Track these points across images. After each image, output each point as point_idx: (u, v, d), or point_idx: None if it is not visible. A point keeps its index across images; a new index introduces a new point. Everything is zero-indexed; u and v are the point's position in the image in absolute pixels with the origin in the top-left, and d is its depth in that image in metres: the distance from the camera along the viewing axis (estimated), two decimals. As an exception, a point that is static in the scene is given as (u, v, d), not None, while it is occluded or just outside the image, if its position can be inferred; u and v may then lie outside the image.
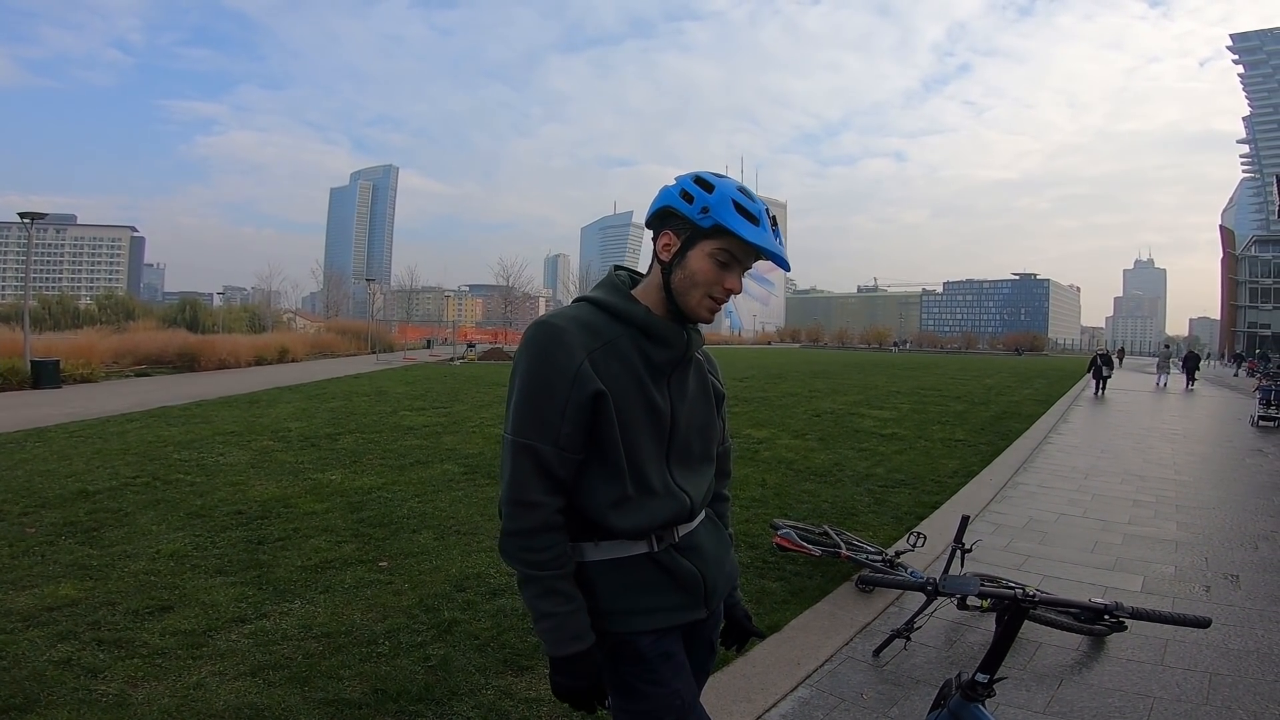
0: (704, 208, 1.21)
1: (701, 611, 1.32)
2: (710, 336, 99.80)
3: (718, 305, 1.27)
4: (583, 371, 1.19)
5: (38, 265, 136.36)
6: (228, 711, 2.32)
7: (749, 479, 6.11)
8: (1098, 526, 5.04)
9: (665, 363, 1.27)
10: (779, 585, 3.54)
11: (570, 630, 1.21)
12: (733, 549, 1.50)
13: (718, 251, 1.23)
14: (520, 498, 1.21)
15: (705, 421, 1.38)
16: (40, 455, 6.78)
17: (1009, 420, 11.23)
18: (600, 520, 1.25)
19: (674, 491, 1.29)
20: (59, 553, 3.83)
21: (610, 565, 1.26)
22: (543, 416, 1.19)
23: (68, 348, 18.56)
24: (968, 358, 54.30)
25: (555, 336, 1.20)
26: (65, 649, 2.71)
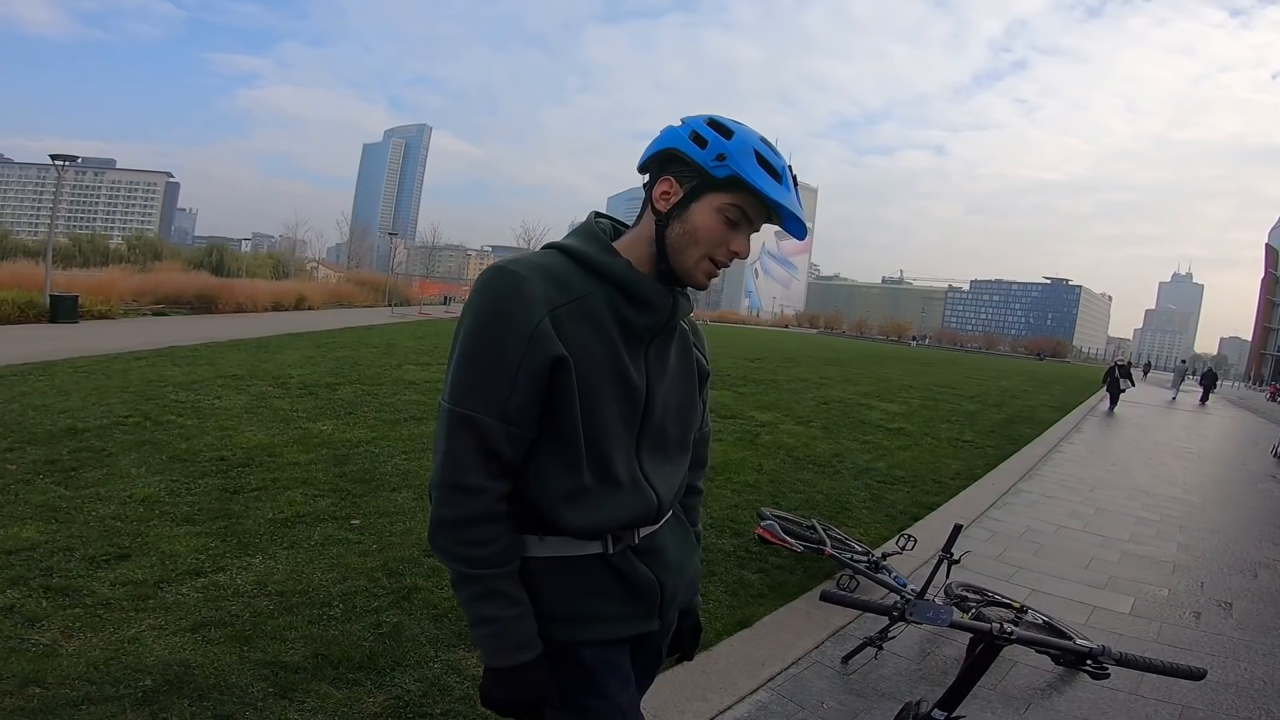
0: (720, 154, 1.01)
1: (654, 623, 1.15)
2: (727, 315, 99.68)
3: (716, 270, 1.08)
4: (541, 330, 0.98)
5: (75, 206, 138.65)
6: (156, 667, 2.24)
7: (745, 463, 5.98)
8: (1096, 542, 4.86)
9: (645, 329, 1.07)
10: (758, 578, 3.42)
11: (514, 638, 1.03)
12: (698, 551, 1.33)
13: (728, 207, 1.03)
14: (457, 480, 1.01)
15: (685, 402, 1.18)
16: (40, 389, 6.81)
17: (1020, 425, 10.97)
18: (550, 514, 1.06)
19: (641, 486, 1.10)
20: (32, 492, 3.79)
21: (556, 564, 1.08)
22: (490, 383, 0.99)
23: (89, 284, 18.78)
24: (987, 358, 53.46)
25: (513, 286, 0.99)
26: (11, 595, 2.65)
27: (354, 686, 2.26)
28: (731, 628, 2.88)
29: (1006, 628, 1.22)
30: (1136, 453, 9.79)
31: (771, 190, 1.02)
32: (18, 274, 17.83)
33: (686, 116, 1.07)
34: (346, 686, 2.25)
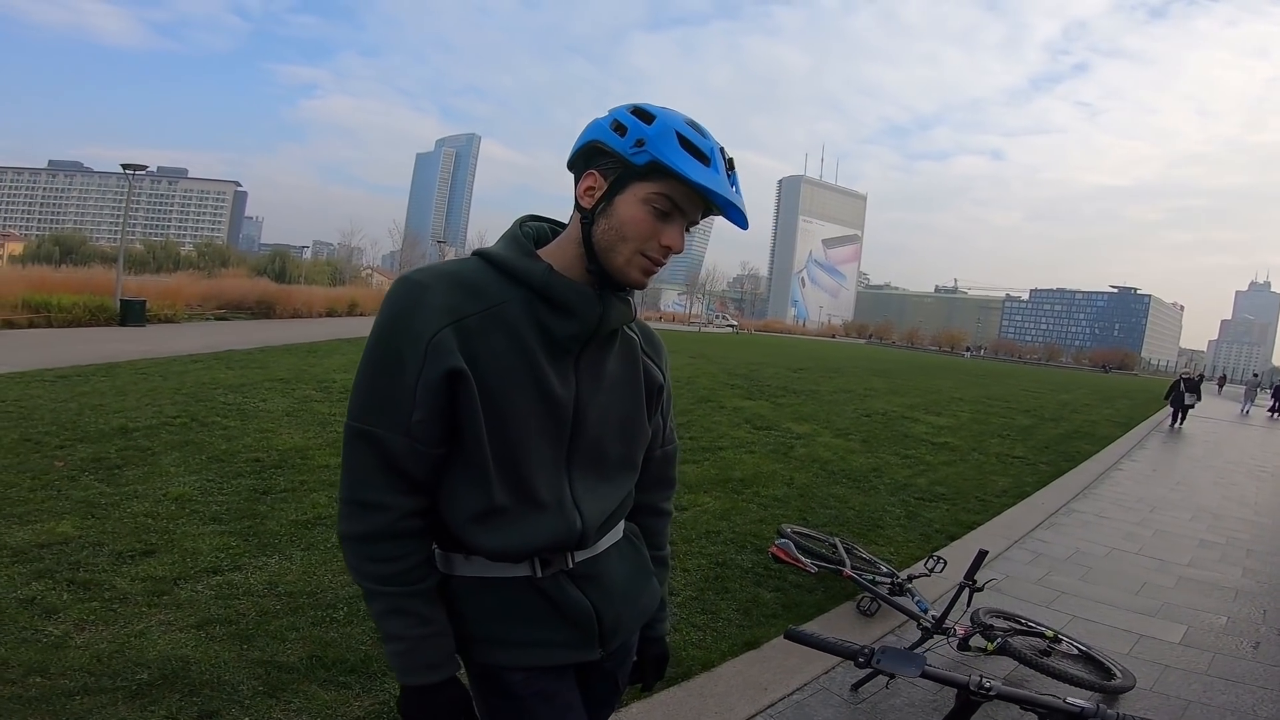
0: (639, 140, 0.93)
1: (595, 652, 1.08)
2: (772, 324, 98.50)
3: (653, 266, 0.99)
4: (438, 342, 0.92)
5: (150, 213, 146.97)
6: (156, 662, 2.29)
7: (775, 476, 5.83)
8: (1152, 566, 4.54)
9: (569, 338, 0.99)
10: (774, 597, 3.31)
11: (423, 658, 0.98)
12: (662, 576, 1.25)
13: (654, 197, 0.95)
14: (358, 497, 0.97)
15: (627, 416, 1.09)
16: (100, 390, 7.16)
17: (1078, 440, 10.42)
18: (459, 533, 1.01)
19: (565, 507, 1.02)
20: (75, 489, 3.96)
21: (481, 585, 1.02)
22: (389, 398, 0.94)
23: (158, 289, 19.78)
24: (1047, 370, 51.28)
25: (414, 296, 0.94)
26: (37, 587, 2.76)
27: (343, 689, 2.26)
28: (738, 648, 2.77)
29: (985, 683, 1.09)
30: (1205, 471, 9.17)
31: (695, 173, 0.93)
32: (92, 279, 18.94)
33: (613, 107, 0.99)
34: (336, 689, 2.26)
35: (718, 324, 68.80)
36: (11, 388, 7.00)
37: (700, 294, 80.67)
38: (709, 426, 7.89)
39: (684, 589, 3.31)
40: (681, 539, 4.00)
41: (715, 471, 5.76)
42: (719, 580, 3.45)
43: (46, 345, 11.07)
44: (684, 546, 3.88)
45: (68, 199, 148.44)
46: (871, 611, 3.20)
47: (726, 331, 57.27)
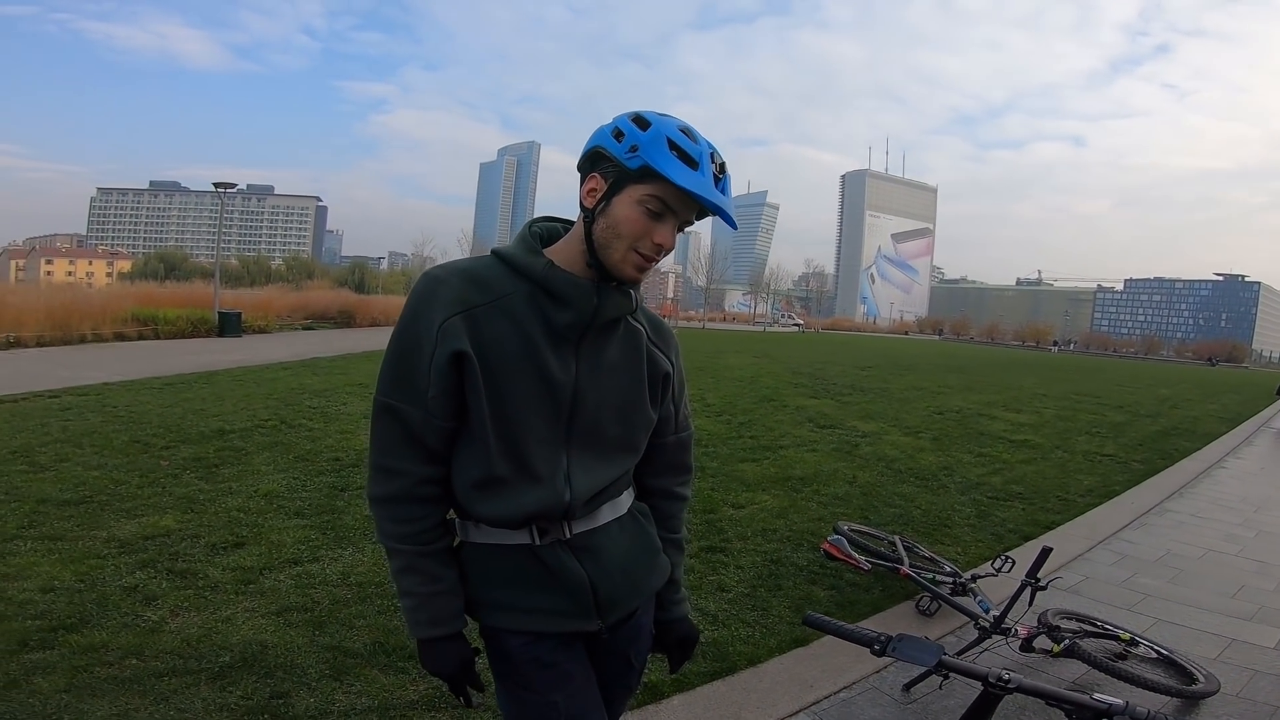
0: (633, 146, 1.02)
1: (592, 623, 1.14)
2: (840, 322, 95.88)
3: (646, 263, 1.07)
4: (447, 328, 1.04)
5: (242, 229, 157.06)
6: (239, 646, 2.48)
7: (838, 474, 5.73)
8: (1251, 568, 4.21)
9: (568, 326, 1.08)
10: (828, 595, 3.27)
11: (430, 613, 1.10)
12: (672, 560, 1.29)
13: (647, 198, 1.03)
14: (382, 463, 1.10)
15: (628, 401, 1.16)
16: (201, 396, 7.78)
17: (1177, 438, 9.71)
18: (464, 501, 1.12)
19: (555, 480, 1.10)
20: (178, 485, 4.34)
21: (487, 551, 1.13)
22: (409, 377, 1.07)
23: (252, 302, 21.22)
24: (1145, 364, 47.80)
25: (430, 289, 1.07)
26: (139, 576, 3.03)
27: (401, 674, 2.39)
28: (786, 645, 2.76)
29: (1006, 676, 1.08)
30: (1325, 472, 8.37)
31: (680, 177, 1.00)
32: (193, 294, 20.51)
33: (617, 116, 1.08)
34: (395, 674, 2.39)
35: (783, 323, 67.72)
36: (124, 394, 7.70)
37: (765, 293, 79.55)
38: (770, 425, 7.82)
39: (736, 585, 3.33)
40: (736, 536, 4.01)
41: (775, 470, 5.72)
42: (772, 577, 3.44)
43: (154, 356, 12.09)
44: (739, 544, 3.89)
45: (168, 217, 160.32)
46: (931, 611, 3.12)
47: (792, 330, 56.31)
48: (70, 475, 4.44)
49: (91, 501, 3.95)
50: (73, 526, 3.56)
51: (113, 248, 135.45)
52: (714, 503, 4.64)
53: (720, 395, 10.22)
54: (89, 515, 3.74)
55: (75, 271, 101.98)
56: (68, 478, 4.38)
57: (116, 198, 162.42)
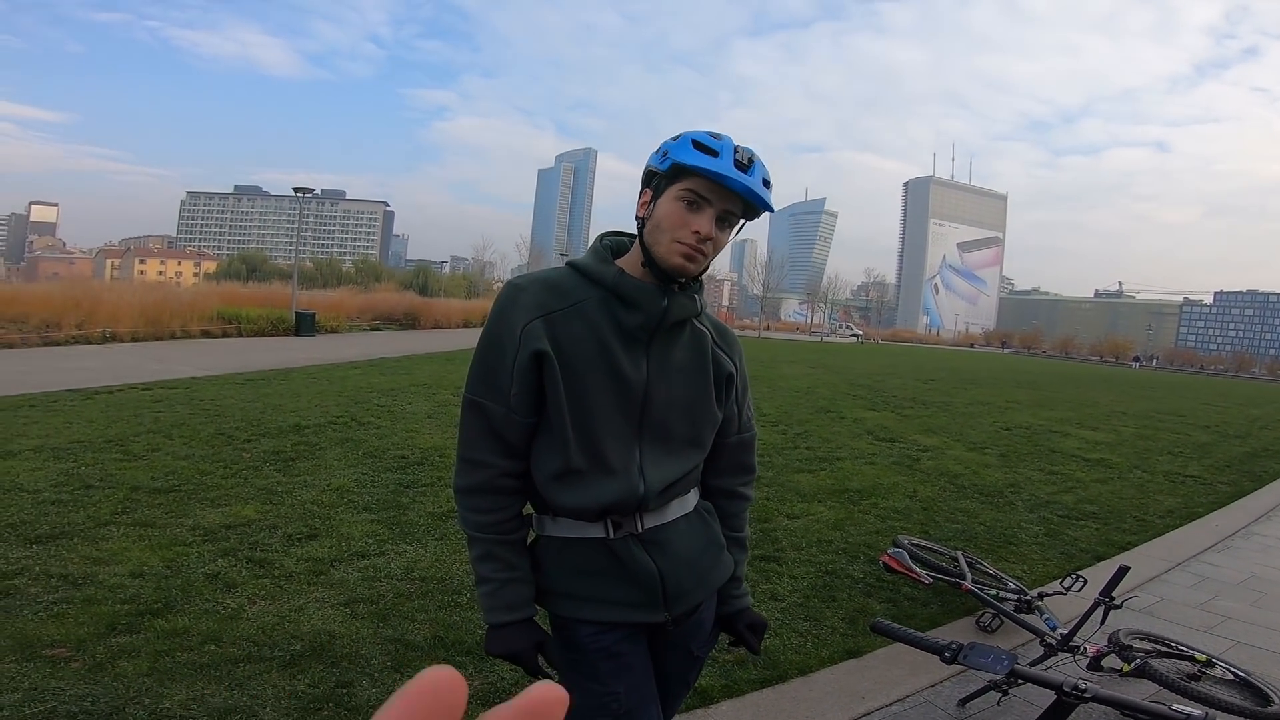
0: (664, 152, 1.14)
1: (659, 614, 1.20)
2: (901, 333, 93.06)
3: (691, 251, 1.14)
4: (529, 330, 1.14)
5: (316, 232, 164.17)
6: (309, 635, 2.61)
7: (897, 488, 5.60)
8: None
9: (638, 327, 1.17)
10: (884, 608, 3.21)
11: (504, 599, 1.17)
12: (735, 559, 1.34)
13: (681, 192, 1.13)
14: (468, 455, 1.19)
15: (694, 400, 1.24)
16: (279, 392, 8.22)
17: (1269, 460, 9.05)
18: (544, 493, 1.20)
19: (630, 473, 1.17)
20: (258, 477, 4.60)
21: (562, 544, 1.20)
22: (493, 376, 1.16)
23: (325, 303, 22.26)
24: (1235, 382, 44.67)
25: (512, 296, 1.17)
26: (221, 564, 3.21)
27: (459, 668, 2.43)
28: (839, 655, 2.73)
29: (1082, 685, 1.06)
30: None
31: (702, 161, 1.10)
32: (272, 294, 21.67)
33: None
34: (454, 667, 2.46)
35: (841, 333, 66.30)
36: (210, 389, 8.21)
37: (822, 302, 78.07)
38: (827, 437, 7.70)
39: (789, 594, 3.31)
40: (791, 546, 3.98)
41: (831, 481, 5.64)
42: (826, 589, 3.41)
43: (237, 352, 12.83)
44: (793, 554, 3.86)
45: (250, 220, 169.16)
46: (993, 628, 3.03)
47: (850, 341, 55.05)
48: (161, 464, 4.77)
49: (180, 490, 4.24)
50: (162, 514, 3.81)
51: (200, 249, 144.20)
52: (769, 512, 4.61)
53: (776, 405, 10.12)
54: (177, 503, 4.00)
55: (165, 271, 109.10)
56: (159, 467, 4.71)
57: (204, 201, 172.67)
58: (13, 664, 2.29)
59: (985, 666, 1.11)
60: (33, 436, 5.33)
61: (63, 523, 3.57)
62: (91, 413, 6.42)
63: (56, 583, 2.89)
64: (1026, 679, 1.10)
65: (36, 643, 2.42)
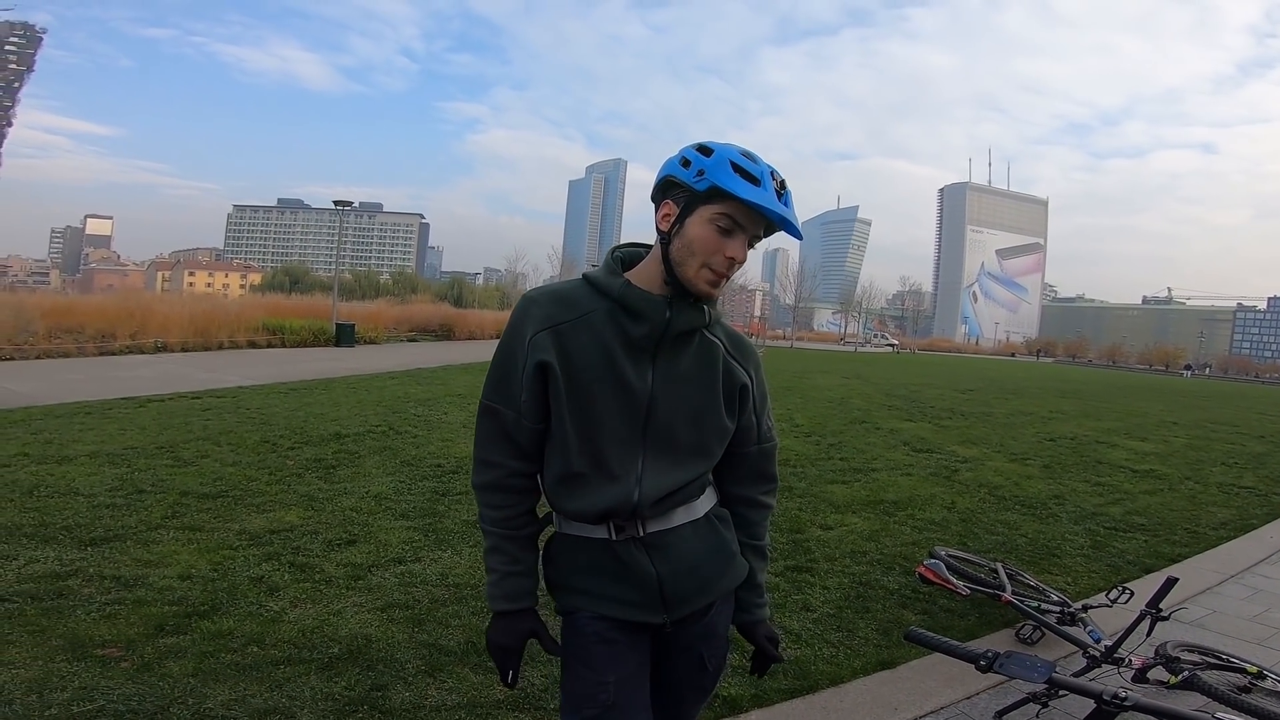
0: (700, 171, 1.13)
1: (658, 615, 1.22)
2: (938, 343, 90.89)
3: (718, 278, 1.16)
4: (535, 341, 1.18)
5: (355, 245, 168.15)
6: (346, 639, 2.66)
7: (934, 499, 5.49)
8: None
9: (643, 337, 1.18)
10: (919, 619, 3.15)
11: (505, 589, 1.23)
12: (754, 567, 1.35)
13: (717, 216, 1.13)
14: (481, 455, 1.25)
15: (701, 409, 1.24)
16: (320, 401, 8.45)
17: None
18: (550, 495, 1.25)
19: (627, 479, 1.20)
20: (301, 484, 4.73)
21: (572, 542, 1.25)
22: (506, 383, 1.21)
23: (363, 314, 22.78)
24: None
25: (525, 309, 1.22)
26: (265, 568, 3.30)
27: (490, 674, 2.47)
28: (872, 666, 2.69)
29: (1122, 694, 1.03)
30: None
31: (746, 192, 1.10)
32: (314, 306, 22.32)
33: (683, 147, 1.19)
34: (485, 673, 2.48)
35: (876, 343, 65.22)
36: (256, 397, 8.48)
37: (856, 312, 76.95)
38: (861, 448, 7.59)
39: (821, 605, 3.27)
40: (824, 556, 3.94)
41: (866, 493, 5.55)
42: (860, 600, 3.36)
43: (281, 362, 13.22)
44: (825, 564, 3.81)
45: (293, 232, 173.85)
46: (1033, 640, 2.96)
47: (885, 351, 54.10)
48: (209, 470, 4.95)
49: (227, 495, 4.39)
50: (210, 518, 3.95)
51: (245, 261, 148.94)
52: (801, 523, 4.57)
53: (809, 416, 10.02)
54: (224, 508, 4.14)
55: (214, 283, 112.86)
56: (207, 472, 4.88)
57: (249, 214, 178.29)
58: (64, 663, 2.37)
59: (1022, 675, 1.09)
60: (89, 442, 5.58)
61: (116, 526, 3.72)
62: (144, 420, 6.69)
63: (109, 584, 3.01)
64: (1065, 688, 1.08)
65: (88, 642, 2.52)
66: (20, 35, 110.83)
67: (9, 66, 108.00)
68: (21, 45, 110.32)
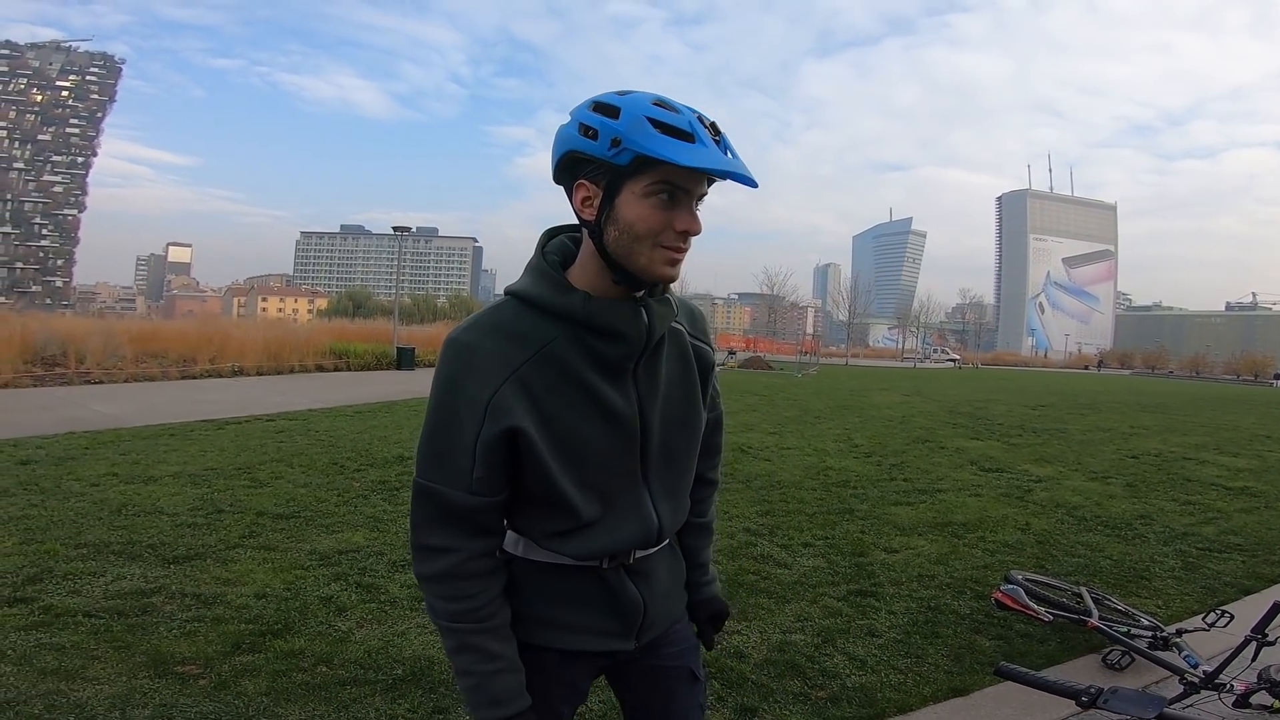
0: (613, 139, 0.90)
1: (629, 643, 1.11)
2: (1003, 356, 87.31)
3: (677, 255, 0.96)
4: (496, 403, 0.95)
5: (413, 268, 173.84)
6: (409, 659, 2.69)
7: (1007, 520, 5.24)
8: None
9: (622, 358, 1.00)
10: (994, 645, 2.99)
11: (490, 693, 1.00)
12: (699, 542, 1.28)
13: (652, 188, 0.92)
14: (423, 542, 1.01)
15: (687, 410, 1.11)
16: (384, 424, 8.71)
17: None
18: (543, 544, 1.06)
19: (645, 512, 1.08)
20: (366, 506, 4.86)
21: (548, 569, 1.06)
22: (449, 457, 0.97)
23: (422, 338, 23.44)
24: None
25: (465, 359, 0.96)
26: (334, 588, 3.37)
27: None
28: (943, 694, 2.56)
29: None
30: None
31: (681, 155, 0.89)
32: (376, 330, 23.12)
33: (574, 109, 0.96)
34: None
35: (936, 358, 63.20)
36: (324, 420, 8.81)
37: (914, 327, 74.75)
38: (926, 468, 7.32)
39: (887, 630, 3.15)
40: (889, 580, 3.79)
41: (932, 515, 5.34)
42: (929, 625, 3.22)
43: (346, 386, 13.72)
44: (891, 589, 3.67)
45: (354, 258, 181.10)
46: (1121, 666, 2.77)
47: (946, 366, 52.35)
48: (283, 491, 5.14)
49: (299, 516, 4.54)
50: (283, 538, 4.08)
51: (313, 286, 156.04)
52: (865, 546, 4.42)
53: (868, 435, 9.74)
54: (297, 528, 4.29)
55: (284, 308, 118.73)
56: (281, 494, 5.08)
57: (315, 240, 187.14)
58: (146, 679, 2.46)
59: (1131, 711, 1.01)
60: (172, 463, 5.89)
61: (197, 544, 3.90)
62: (223, 441, 7.03)
63: (190, 601, 3.14)
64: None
65: (169, 659, 2.61)
66: (100, 65, 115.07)
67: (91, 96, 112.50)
68: (102, 75, 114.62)
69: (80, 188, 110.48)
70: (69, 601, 3.06)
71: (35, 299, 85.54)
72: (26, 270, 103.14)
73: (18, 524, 4.10)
